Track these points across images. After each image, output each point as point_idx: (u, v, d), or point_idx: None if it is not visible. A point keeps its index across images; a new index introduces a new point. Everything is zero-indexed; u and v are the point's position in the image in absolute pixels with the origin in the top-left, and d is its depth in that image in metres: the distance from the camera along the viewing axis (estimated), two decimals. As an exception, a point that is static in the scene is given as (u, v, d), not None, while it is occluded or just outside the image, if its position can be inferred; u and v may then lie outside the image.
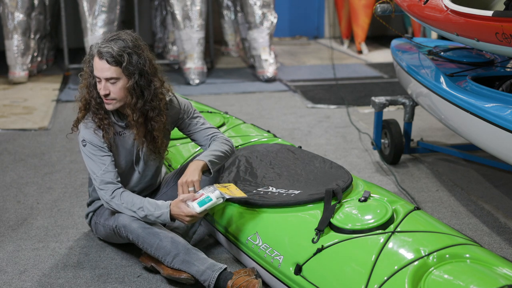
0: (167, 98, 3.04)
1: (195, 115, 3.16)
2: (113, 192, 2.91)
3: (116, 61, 2.81)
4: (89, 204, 3.24)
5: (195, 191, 2.87)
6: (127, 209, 2.88)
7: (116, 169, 2.97)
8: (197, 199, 2.81)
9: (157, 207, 2.85)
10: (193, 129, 3.15)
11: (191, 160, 3.19)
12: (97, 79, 2.87)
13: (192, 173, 2.90)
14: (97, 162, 2.93)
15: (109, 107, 2.91)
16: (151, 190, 3.24)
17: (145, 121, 2.95)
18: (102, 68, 2.82)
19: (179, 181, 2.91)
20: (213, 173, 2.99)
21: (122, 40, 2.85)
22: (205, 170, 2.97)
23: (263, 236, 2.83)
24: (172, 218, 2.83)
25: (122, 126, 3.00)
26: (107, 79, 2.84)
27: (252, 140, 3.84)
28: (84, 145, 2.95)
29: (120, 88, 2.86)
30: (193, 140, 3.20)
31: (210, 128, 3.16)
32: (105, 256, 3.14)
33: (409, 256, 2.40)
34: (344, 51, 9.09)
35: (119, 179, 2.96)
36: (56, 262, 3.10)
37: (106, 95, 2.86)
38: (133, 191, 3.10)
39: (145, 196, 3.20)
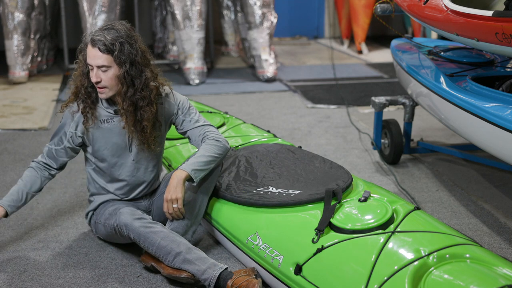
0: (164, 93, 3.10)
1: (190, 112, 3.15)
2: (32, 163, 3.15)
3: (108, 49, 2.88)
4: (89, 201, 3.24)
5: (178, 208, 2.96)
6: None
7: (60, 154, 3.11)
8: None
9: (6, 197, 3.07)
10: (186, 127, 3.15)
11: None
12: (90, 67, 2.93)
13: (175, 190, 2.94)
14: (55, 139, 3.11)
15: (102, 96, 2.98)
16: (150, 188, 3.24)
17: (135, 110, 3.00)
18: (95, 56, 2.89)
19: (164, 197, 2.97)
20: (197, 182, 3.00)
21: (116, 30, 2.92)
22: (189, 179, 2.99)
23: (263, 236, 2.83)
24: None
25: (111, 112, 3.04)
26: (99, 67, 2.90)
27: (252, 140, 3.84)
28: (60, 121, 3.11)
29: (111, 77, 2.92)
30: (188, 139, 3.20)
31: (203, 126, 3.14)
32: (105, 256, 3.14)
33: (409, 256, 2.40)
34: (344, 51, 9.10)
35: (53, 165, 3.15)
36: (56, 262, 3.10)
37: (98, 83, 2.93)
38: (129, 184, 3.15)
39: (144, 195, 3.22)
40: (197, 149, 3.15)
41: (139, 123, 3.02)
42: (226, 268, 2.77)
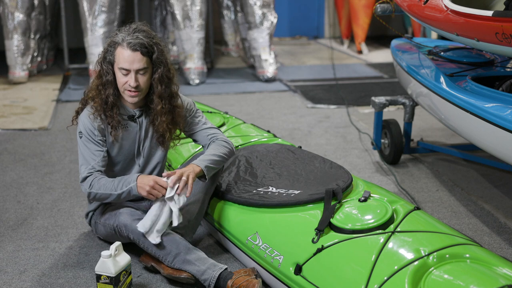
0: None
1: (197, 114, 3.16)
2: (90, 183, 2.92)
3: (148, 51, 2.87)
4: (89, 201, 3.24)
5: (185, 182, 2.89)
6: (104, 194, 2.91)
7: (105, 163, 2.98)
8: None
9: (126, 182, 2.86)
10: (194, 129, 3.16)
11: (192, 159, 3.21)
12: (124, 72, 2.87)
13: (193, 176, 2.90)
14: (89, 154, 2.96)
15: (134, 99, 2.93)
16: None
17: (172, 108, 3.01)
18: (134, 60, 2.85)
19: (181, 170, 2.89)
20: (208, 179, 3.00)
21: (145, 31, 2.90)
22: (200, 176, 2.98)
23: (263, 236, 2.83)
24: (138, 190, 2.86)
25: (125, 119, 3.01)
26: (138, 70, 2.87)
27: (252, 140, 3.84)
28: (81, 137, 2.99)
29: (148, 79, 2.92)
30: (193, 140, 3.21)
31: (210, 128, 3.16)
32: (105, 256, 3.14)
33: (409, 256, 2.40)
34: (344, 51, 9.10)
35: (102, 171, 2.96)
36: (56, 262, 3.10)
37: (136, 87, 2.88)
38: None
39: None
40: (201, 146, 3.15)
41: (174, 121, 3.03)
42: (226, 268, 2.77)
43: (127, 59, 2.85)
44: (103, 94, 2.94)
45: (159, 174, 3.22)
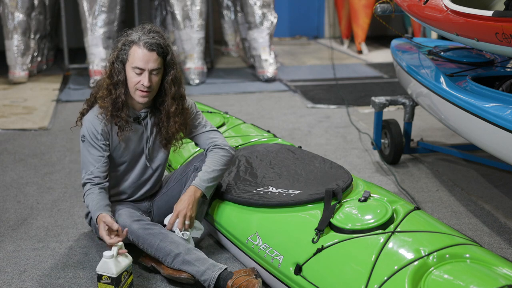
0: None
1: (198, 116, 3.16)
2: (85, 193, 2.98)
3: (164, 52, 2.89)
4: None
5: (188, 224, 2.95)
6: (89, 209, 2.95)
7: (105, 169, 2.98)
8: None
9: (94, 214, 2.88)
10: (194, 131, 3.15)
11: (193, 160, 3.21)
12: (138, 71, 2.86)
13: (189, 208, 2.93)
14: (94, 157, 2.96)
15: (144, 100, 2.92)
16: (152, 190, 3.23)
17: (182, 110, 3.01)
18: (150, 60, 2.85)
19: (178, 210, 2.92)
20: (209, 198, 3.04)
21: (159, 33, 2.92)
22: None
23: (263, 236, 2.83)
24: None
25: (130, 120, 3.01)
26: (152, 70, 2.87)
27: (252, 140, 3.84)
28: (83, 141, 2.98)
29: (159, 79, 2.92)
30: (194, 141, 3.20)
31: (210, 132, 3.15)
32: (105, 256, 3.14)
33: (409, 256, 2.40)
34: (344, 51, 9.10)
35: (101, 176, 2.97)
36: (56, 262, 3.10)
37: (148, 87, 2.88)
38: (134, 187, 3.13)
39: (146, 197, 3.21)
40: (200, 148, 3.16)
41: (185, 122, 3.03)
42: (225, 269, 2.77)
43: (143, 58, 2.85)
44: (114, 94, 2.92)
45: (160, 177, 3.22)
